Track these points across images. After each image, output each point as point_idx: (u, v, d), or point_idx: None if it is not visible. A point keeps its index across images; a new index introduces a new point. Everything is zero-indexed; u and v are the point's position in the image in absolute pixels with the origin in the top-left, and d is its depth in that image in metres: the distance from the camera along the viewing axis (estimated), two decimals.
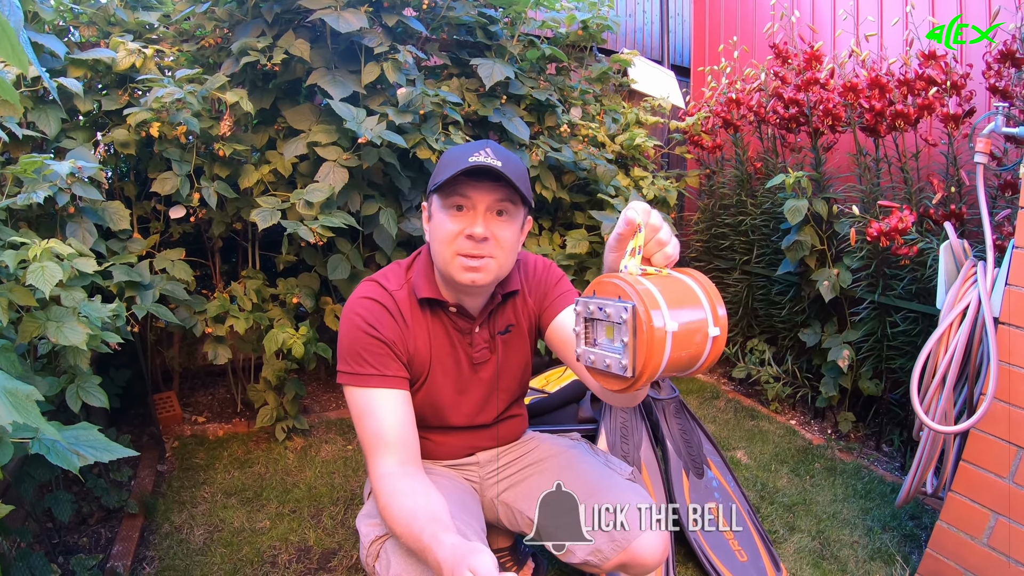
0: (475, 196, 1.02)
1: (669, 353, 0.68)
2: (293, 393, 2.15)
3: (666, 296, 0.69)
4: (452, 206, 1.03)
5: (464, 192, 1.02)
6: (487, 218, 1.03)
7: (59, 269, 1.22)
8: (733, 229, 2.86)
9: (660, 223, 0.75)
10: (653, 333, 0.66)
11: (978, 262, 1.45)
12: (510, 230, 1.05)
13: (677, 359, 0.69)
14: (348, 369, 1.07)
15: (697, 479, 1.71)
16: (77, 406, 1.30)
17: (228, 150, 1.89)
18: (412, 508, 0.94)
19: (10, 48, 0.51)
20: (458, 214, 1.03)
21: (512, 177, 1.00)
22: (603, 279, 0.74)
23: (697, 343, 0.70)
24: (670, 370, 0.70)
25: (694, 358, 0.71)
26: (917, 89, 1.95)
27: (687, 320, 0.70)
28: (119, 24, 2.00)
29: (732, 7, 3.27)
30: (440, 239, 1.04)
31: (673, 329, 0.67)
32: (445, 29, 2.44)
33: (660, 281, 0.72)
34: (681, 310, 0.70)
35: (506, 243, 1.05)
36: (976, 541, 1.36)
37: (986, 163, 1.49)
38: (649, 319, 0.66)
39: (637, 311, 0.67)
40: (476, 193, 1.02)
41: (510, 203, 1.04)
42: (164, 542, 1.63)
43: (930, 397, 1.45)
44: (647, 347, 0.67)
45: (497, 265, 1.05)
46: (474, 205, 1.02)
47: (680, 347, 0.69)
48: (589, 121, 2.68)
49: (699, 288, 0.73)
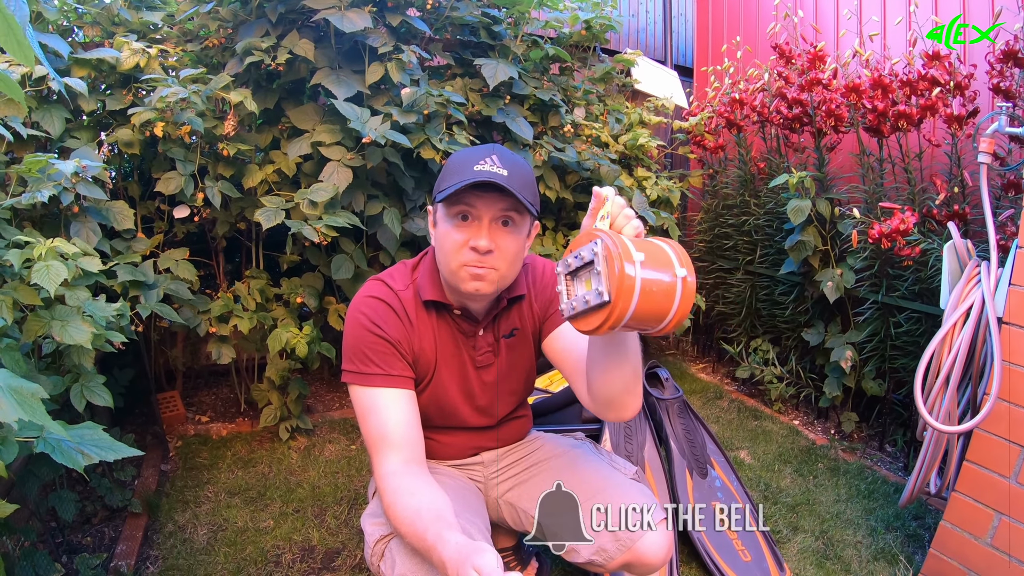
0: (480, 206, 1.01)
1: (640, 282, 0.75)
2: (297, 393, 2.15)
3: (633, 242, 0.79)
4: (456, 215, 1.02)
5: (469, 202, 1.01)
6: (492, 229, 1.02)
7: (64, 268, 1.22)
8: (736, 229, 2.86)
9: (624, 202, 0.88)
10: (624, 254, 0.75)
11: (982, 262, 1.45)
12: (515, 240, 1.04)
13: (649, 292, 0.76)
14: (353, 368, 1.07)
15: (701, 479, 1.71)
16: (81, 405, 1.31)
17: (232, 150, 1.89)
18: (416, 507, 0.94)
19: (16, 44, 0.51)
20: (463, 224, 1.02)
21: (517, 187, 0.98)
22: (577, 238, 0.85)
23: (667, 283, 0.77)
24: (644, 306, 0.76)
25: (666, 296, 0.77)
26: (920, 89, 1.95)
27: (654, 255, 0.78)
28: (123, 24, 2.00)
29: (735, 7, 3.27)
30: (445, 249, 1.04)
31: (641, 259, 0.76)
32: (449, 29, 2.44)
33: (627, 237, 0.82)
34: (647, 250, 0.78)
35: (510, 253, 1.04)
36: (980, 541, 1.36)
37: (990, 163, 1.49)
38: (616, 245, 0.76)
39: (606, 242, 0.77)
40: (481, 203, 1.01)
41: (515, 212, 1.03)
42: (168, 541, 1.63)
43: (934, 397, 1.45)
44: (620, 270, 0.74)
45: (500, 276, 1.05)
46: (479, 216, 1.01)
47: (651, 282, 0.76)
48: (592, 121, 2.68)
49: (662, 242, 0.82)
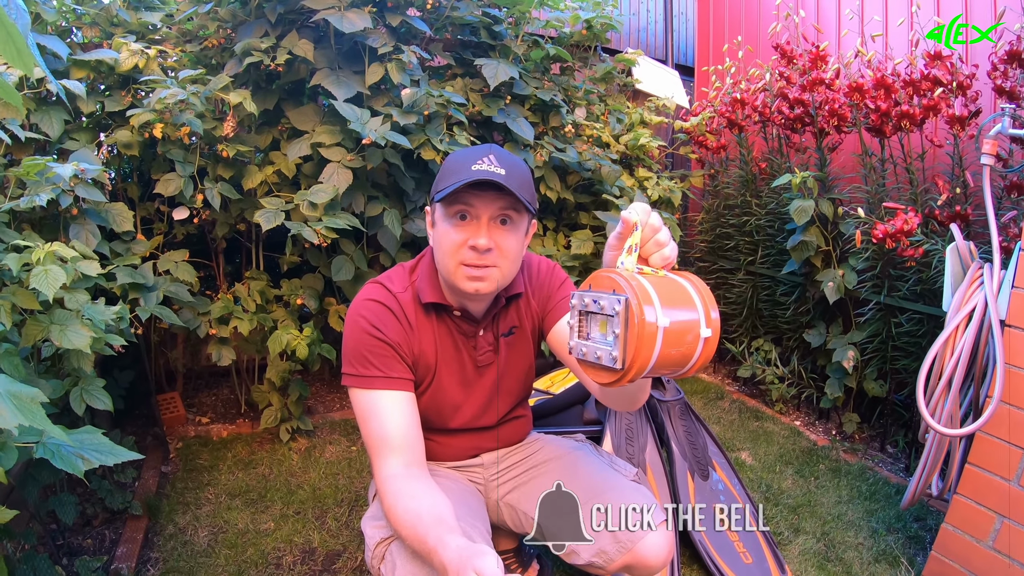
0: (478, 205, 1.01)
1: (660, 349, 0.69)
2: (297, 394, 2.15)
3: (660, 294, 0.71)
4: (455, 215, 1.03)
5: (467, 201, 1.01)
6: (490, 228, 1.02)
7: (62, 272, 1.21)
8: (738, 229, 2.85)
9: (659, 224, 0.76)
10: (644, 327, 0.68)
11: (984, 264, 1.45)
12: (514, 238, 1.05)
13: (667, 356, 0.70)
14: (353, 371, 1.07)
15: (702, 481, 1.71)
16: (81, 409, 1.30)
17: (232, 151, 1.89)
18: (417, 510, 0.94)
19: (15, 52, 0.51)
20: (461, 223, 1.03)
21: (515, 186, 0.99)
22: (599, 273, 0.76)
23: (688, 342, 0.72)
24: (660, 367, 0.71)
25: (685, 357, 0.72)
26: (923, 90, 1.94)
27: (679, 318, 0.71)
28: (122, 25, 2.00)
29: (736, 6, 3.26)
30: (444, 249, 1.04)
31: (665, 325, 0.69)
32: (449, 29, 2.43)
33: (655, 280, 0.73)
34: (674, 308, 0.71)
35: (509, 252, 1.04)
36: (981, 544, 1.36)
37: (992, 164, 1.48)
38: (641, 312, 0.68)
39: (630, 304, 0.69)
40: (479, 202, 1.01)
41: (513, 211, 1.03)
42: (168, 543, 1.63)
43: (936, 399, 1.44)
44: (637, 340, 0.68)
45: (500, 274, 1.05)
46: (477, 215, 1.02)
47: (671, 344, 0.70)
48: (594, 121, 2.68)
49: (693, 289, 0.75)
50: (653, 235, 0.76)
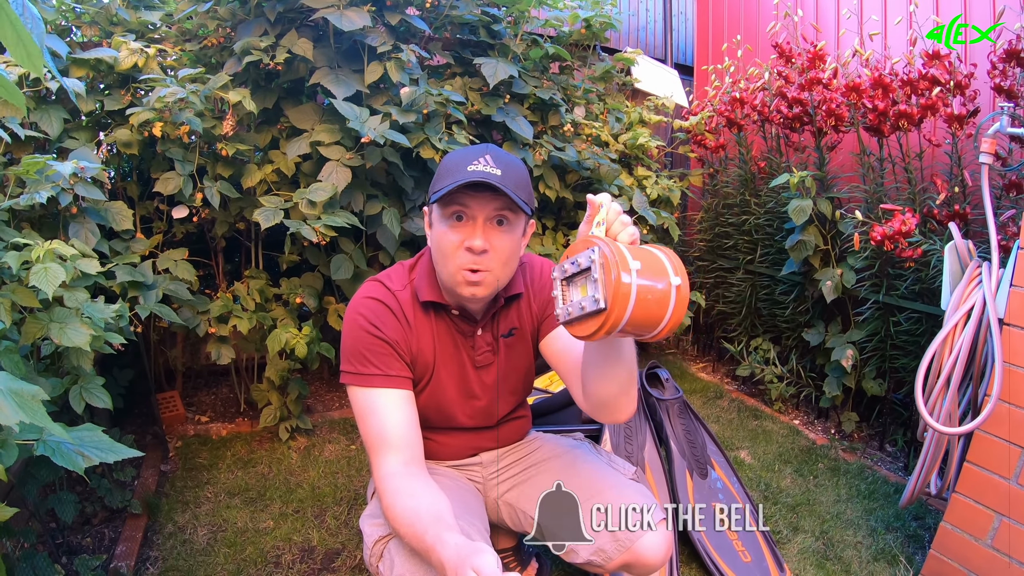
0: (474, 206, 1.01)
1: (636, 289, 0.76)
2: (296, 393, 2.15)
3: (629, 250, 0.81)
4: (451, 216, 1.02)
5: (463, 202, 1.01)
6: (486, 229, 1.02)
7: (62, 270, 1.22)
8: (737, 228, 2.85)
9: (620, 208, 0.88)
10: (620, 264, 0.77)
11: (983, 263, 1.45)
12: (510, 239, 1.04)
13: (644, 300, 0.77)
14: (351, 369, 1.07)
15: (701, 479, 1.71)
16: (81, 407, 1.31)
17: (231, 150, 1.89)
18: (416, 508, 0.94)
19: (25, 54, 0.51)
20: (457, 224, 1.02)
21: (511, 186, 0.98)
22: (573, 245, 0.86)
23: (661, 291, 0.79)
24: (639, 314, 0.78)
25: (660, 304, 0.79)
26: (921, 89, 1.94)
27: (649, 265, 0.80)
28: (121, 24, 2.00)
29: (735, 5, 3.26)
30: (441, 251, 1.04)
31: (637, 267, 0.77)
32: (448, 28, 2.43)
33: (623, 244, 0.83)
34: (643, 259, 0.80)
35: (505, 253, 1.04)
36: (980, 542, 1.36)
37: (991, 163, 1.48)
38: (613, 254, 0.77)
39: (603, 250, 0.78)
40: (475, 203, 1.01)
41: (510, 211, 1.03)
42: (168, 542, 1.63)
43: (934, 398, 1.45)
44: (616, 279, 0.76)
45: (495, 278, 1.05)
46: (473, 215, 1.01)
47: (646, 290, 0.77)
48: (593, 120, 2.68)
49: (658, 250, 0.84)
50: (617, 216, 0.87)
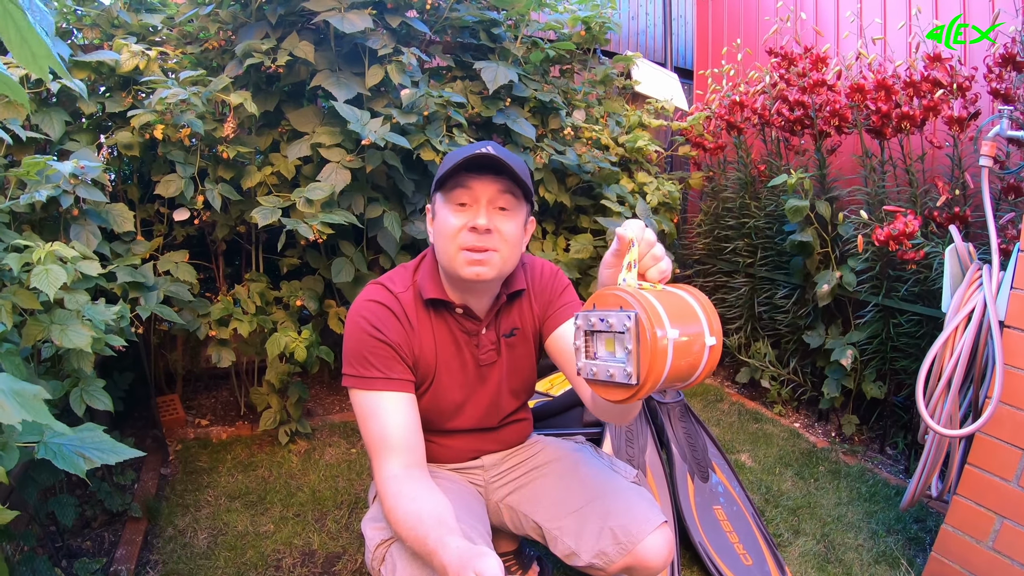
0: (477, 189, 1.03)
1: (671, 361, 0.71)
2: (296, 396, 2.15)
3: (665, 307, 0.73)
4: (455, 201, 1.04)
5: (466, 184, 1.03)
6: (489, 211, 1.04)
7: (63, 272, 1.21)
8: (737, 232, 2.86)
9: (654, 239, 0.80)
10: (656, 341, 0.70)
11: (983, 265, 1.45)
12: (513, 224, 1.06)
13: (677, 368, 0.72)
14: (353, 372, 1.07)
15: (702, 483, 1.71)
16: (81, 409, 1.30)
17: (232, 152, 1.89)
18: (417, 511, 0.94)
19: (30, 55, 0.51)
20: (461, 209, 1.04)
21: (514, 169, 1.01)
22: (603, 292, 0.77)
23: (695, 352, 0.74)
24: (671, 378, 0.73)
25: (693, 367, 0.75)
26: (923, 91, 1.95)
27: (686, 329, 0.73)
28: (122, 26, 2.00)
29: (735, 10, 3.27)
30: (444, 235, 1.05)
31: (675, 337, 0.71)
32: (448, 31, 2.44)
33: (658, 294, 0.76)
34: (680, 320, 0.73)
35: (509, 236, 1.05)
36: (981, 545, 1.36)
37: (991, 166, 1.49)
38: (652, 327, 0.70)
39: (640, 319, 0.71)
40: (478, 185, 1.03)
41: (512, 196, 1.05)
42: (167, 546, 1.63)
43: (935, 400, 1.45)
44: (651, 354, 0.70)
45: (501, 259, 1.05)
46: (476, 198, 1.03)
47: (681, 355, 0.72)
48: (593, 124, 2.68)
49: (695, 301, 0.78)
50: (649, 250, 0.79)
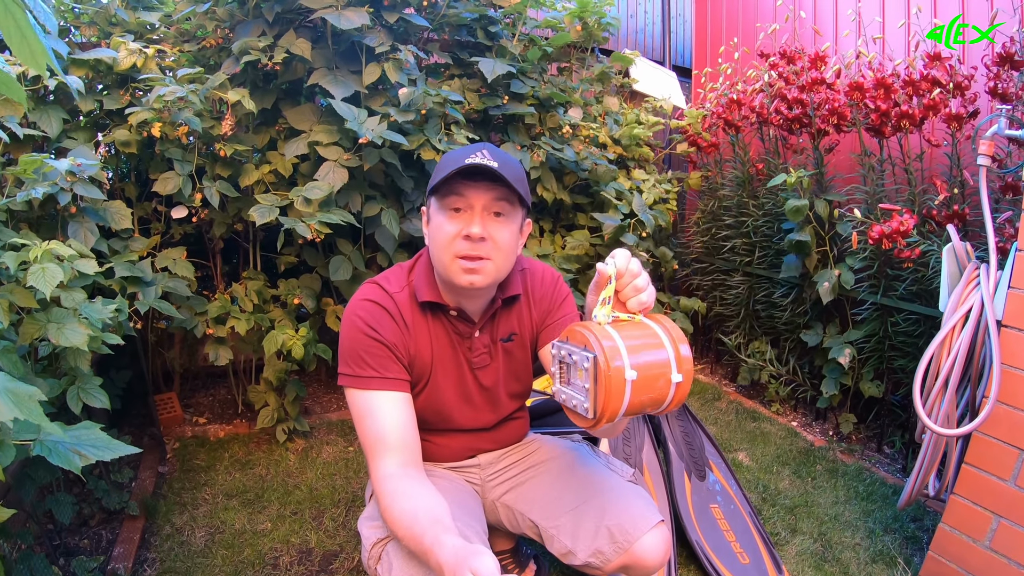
0: (472, 196, 1.02)
1: (629, 398, 0.75)
2: (294, 394, 2.15)
3: (630, 344, 0.77)
4: (449, 207, 1.03)
5: (461, 192, 1.02)
6: (484, 218, 1.02)
7: (60, 270, 1.21)
8: (735, 230, 2.85)
9: (639, 270, 0.83)
10: (610, 380, 0.74)
11: (981, 264, 1.45)
12: (508, 231, 1.05)
13: (638, 402, 0.76)
14: (349, 371, 1.07)
15: (699, 481, 1.71)
16: (78, 408, 1.30)
17: (229, 150, 1.89)
18: (414, 510, 0.94)
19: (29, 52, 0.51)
20: (455, 215, 1.03)
21: (509, 177, 0.99)
22: (574, 327, 0.81)
23: (659, 387, 0.77)
24: (632, 412, 0.77)
25: (657, 401, 0.78)
26: (922, 90, 1.95)
27: (649, 367, 0.77)
28: (120, 24, 2.00)
29: (734, 8, 3.27)
30: (438, 242, 1.04)
31: (632, 378, 0.75)
32: (446, 29, 2.44)
33: (628, 328, 0.80)
34: (644, 357, 0.77)
35: (504, 244, 1.04)
36: (978, 544, 1.36)
37: (989, 165, 1.49)
38: (607, 368, 0.74)
39: (597, 361, 0.75)
40: (473, 193, 1.01)
41: (507, 203, 1.04)
42: (165, 544, 1.63)
43: (933, 400, 1.45)
44: (605, 393, 0.74)
45: (495, 267, 1.05)
46: (471, 205, 1.02)
47: (641, 392, 0.76)
48: (590, 122, 2.68)
49: (667, 337, 0.80)
50: (632, 280, 0.82)
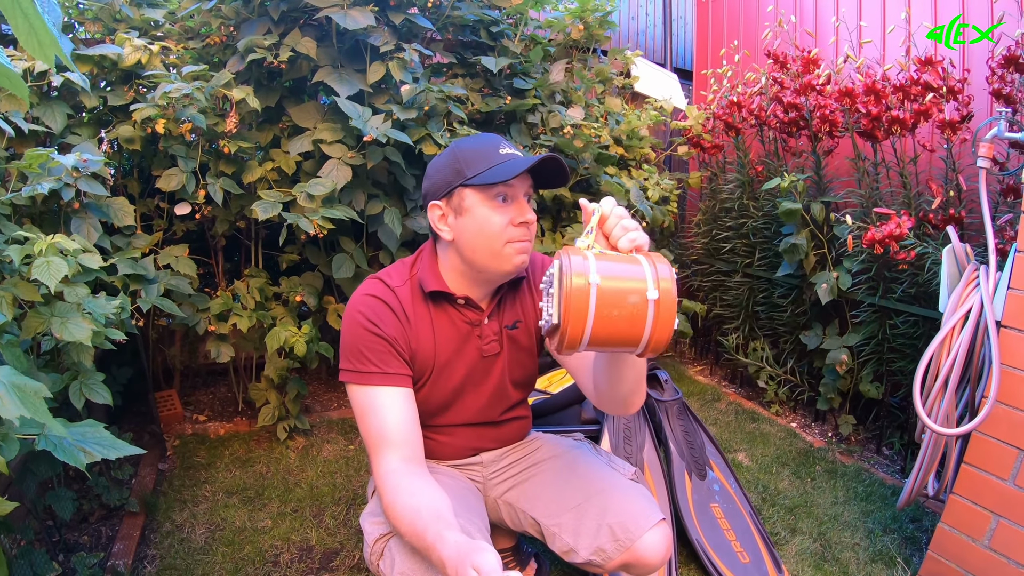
0: (516, 185, 1.05)
1: (595, 305, 0.72)
2: (295, 392, 2.15)
3: (604, 260, 0.75)
4: (496, 197, 1.05)
5: (510, 183, 1.04)
6: (527, 205, 1.08)
7: (64, 264, 1.21)
8: (735, 232, 2.86)
9: (624, 213, 0.85)
10: (571, 279, 0.72)
11: (980, 266, 1.46)
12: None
13: (608, 317, 0.73)
14: (350, 367, 1.07)
15: (699, 480, 1.71)
16: (80, 403, 1.30)
17: (233, 147, 1.89)
18: (416, 506, 0.94)
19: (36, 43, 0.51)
20: (503, 205, 1.05)
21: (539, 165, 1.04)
22: (557, 252, 0.82)
23: (632, 304, 0.73)
24: (605, 330, 0.73)
25: (633, 322, 0.74)
26: (913, 95, 1.95)
27: (618, 277, 0.74)
28: (125, 20, 2.00)
29: (735, 11, 3.28)
30: (488, 233, 1.05)
31: (596, 281, 0.73)
32: (449, 29, 2.44)
33: (611, 256, 0.78)
34: (614, 270, 0.74)
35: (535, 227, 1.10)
36: (977, 543, 1.37)
37: (989, 167, 1.50)
38: (570, 266, 0.73)
39: (560, 263, 0.75)
40: (517, 182, 1.05)
41: (533, 190, 1.10)
42: (165, 541, 1.63)
43: (932, 399, 1.45)
44: (567, 294, 0.72)
45: (531, 248, 1.10)
46: (515, 195, 1.06)
47: (610, 303, 0.73)
48: (592, 122, 2.69)
49: (646, 260, 0.78)
50: (619, 221, 0.84)
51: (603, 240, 0.84)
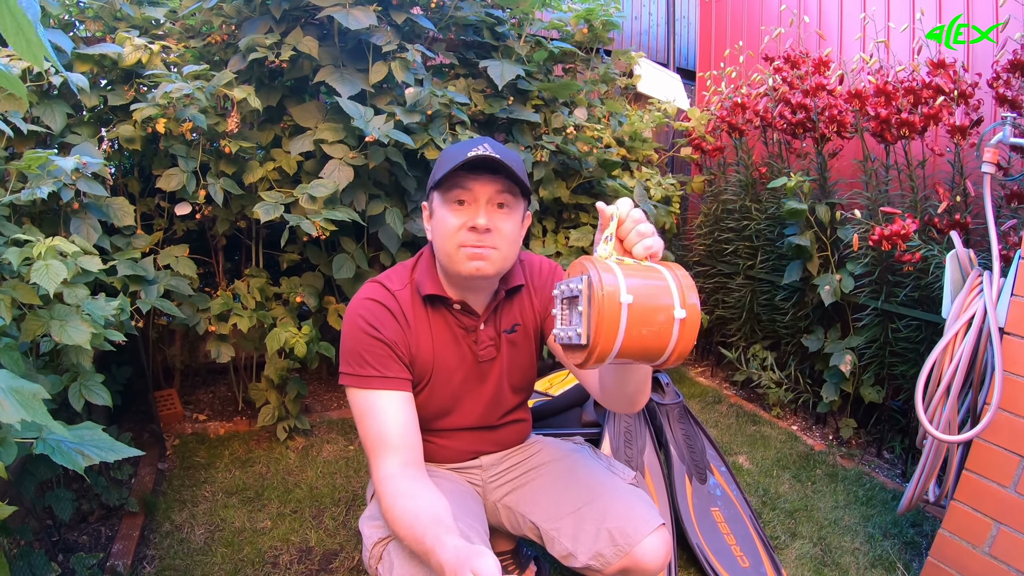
0: (476, 189, 1.03)
1: (625, 325, 0.71)
2: (295, 392, 2.14)
3: (629, 275, 0.73)
4: (453, 200, 1.04)
5: (465, 185, 1.02)
6: (488, 210, 1.04)
7: (63, 267, 1.21)
8: (737, 234, 2.85)
9: (640, 216, 0.81)
10: (604, 300, 0.70)
11: (984, 272, 1.45)
12: (511, 222, 1.06)
13: (637, 336, 0.72)
14: (350, 370, 1.07)
15: (700, 484, 1.71)
16: (80, 404, 1.30)
17: (234, 147, 1.89)
18: (415, 510, 0.94)
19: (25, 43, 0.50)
20: (460, 208, 1.04)
21: (513, 167, 1.01)
22: (575, 262, 0.80)
23: (660, 323, 0.72)
24: (632, 347, 0.72)
25: (659, 339, 0.73)
26: (924, 98, 1.94)
27: (648, 296, 0.72)
28: (125, 19, 1.99)
29: (738, 11, 3.27)
30: (443, 234, 1.05)
31: (628, 301, 0.71)
32: (453, 29, 2.43)
33: (631, 266, 0.76)
34: (642, 287, 0.73)
35: (508, 235, 1.05)
36: (977, 550, 1.36)
37: (993, 173, 1.49)
38: (601, 287, 0.70)
39: (591, 281, 0.72)
40: (477, 185, 1.02)
41: (510, 195, 1.05)
42: (164, 541, 1.63)
43: (934, 406, 1.45)
44: (598, 314, 0.70)
45: (500, 256, 1.05)
46: (475, 198, 1.03)
47: (639, 322, 0.71)
48: (595, 123, 2.68)
49: (670, 275, 0.76)
50: (635, 226, 0.80)
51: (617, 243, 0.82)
